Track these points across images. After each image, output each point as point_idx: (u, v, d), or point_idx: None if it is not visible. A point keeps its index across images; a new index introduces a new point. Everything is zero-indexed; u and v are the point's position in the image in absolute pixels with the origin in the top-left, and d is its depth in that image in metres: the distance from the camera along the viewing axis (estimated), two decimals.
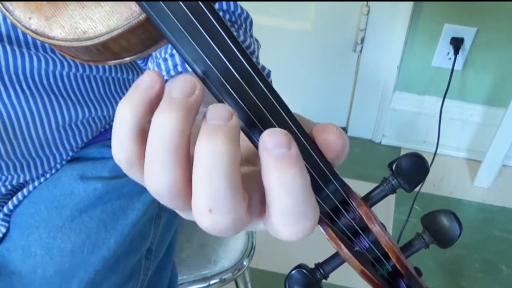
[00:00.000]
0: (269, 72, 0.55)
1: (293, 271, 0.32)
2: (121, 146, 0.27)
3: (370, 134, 1.78)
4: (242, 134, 0.28)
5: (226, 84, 0.29)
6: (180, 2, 0.29)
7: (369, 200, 0.32)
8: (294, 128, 0.29)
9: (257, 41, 0.58)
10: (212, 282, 0.83)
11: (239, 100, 0.29)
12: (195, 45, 0.29)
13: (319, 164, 0.29)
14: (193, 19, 0.29)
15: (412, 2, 1.44)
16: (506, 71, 1.55)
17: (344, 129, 1.81)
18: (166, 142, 0.25)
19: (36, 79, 0.54)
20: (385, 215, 1.56)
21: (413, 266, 0.33)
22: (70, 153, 0.62)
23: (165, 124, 0.25)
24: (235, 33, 0.53)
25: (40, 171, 0.61)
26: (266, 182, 0.25)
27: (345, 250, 0.31)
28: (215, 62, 0.29)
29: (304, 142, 0.29)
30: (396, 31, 1.51)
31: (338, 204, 0.31)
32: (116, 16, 0.30)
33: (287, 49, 1.67)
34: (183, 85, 0.26)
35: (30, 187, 0.61)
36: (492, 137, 1.54)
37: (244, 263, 0.85)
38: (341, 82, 1.71)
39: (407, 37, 1.53)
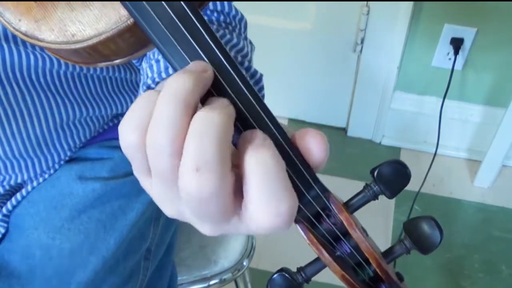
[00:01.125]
0: (261, 76, 0.55)
1: (275, 275, 0.33)
2: (134, 125, 0.28)
3: (370, 134, 1.78)
4: None
5: (211, 89, 0.30)
6: (167, 8, 0.29)
7: (351, 206, 0.32)
8: (276, 133, 0.30)
9: (251, 43, 0.58)
10: (212, 282, 0.83)
11: None
12: (180, 50, 0.29)
13: (300, 169, 0.30)
14: (179, 24, 0.29)
15: (412, 2, 1.44)
16: (506, 71, 1.55)
17: (344, 129, 1.81)
18: (178, 96, 0.27)
19: (33, 77, 0.54)
20: (385, 216, 1.56)
21: (394, 271, 0.34)
22: (68, 153, 0.62)
23: (180, 82, 0.27)
24: (228, 36, 0.53)
25: (38, 171, 0.61)
26: (243, 166, 0.28)
27: (326, 254, 0.31)
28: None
29: (286, 147, 0.30)
30: (396, 31, 1.51)
31: (319, 209, 0.31)
32: (104, 20, 0.31)
33: (287, 49, 1.67)
34: (198, 63, 0.29)
35: (29, 187, 0.61)
36: (492, 137, 1.54)
37: (244, 263, 0.85)
38: (341, 82, 1.71)
39: (407, 37, 1.53)
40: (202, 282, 0.83)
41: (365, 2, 1.50)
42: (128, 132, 0.29)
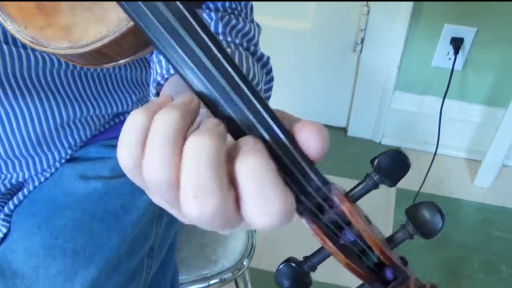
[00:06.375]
0: (268, 58, 0.55)
1: (281, 265, 0.33)
2: (129, 150, 0.29)
3: (370, 134, 1.78)
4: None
5: (211, 87, 0.30)
6: (165, 10, 0.30)
7: (352, 196, 0.32)
8: (274, 128, 0.30)
9: (258, 26, 0.58)
10: (212, 282, 0.83)
11: (221, 101, 0.30)
12: (180, 50, 0.30)
13: (300, 163, 0.30)
14: (177, 26, 0.30)
15: (412, 2, 1.44)
16: (506, 71, 1.55)
17: (344, 129, 1.81)
18: (166, 134, 0.28)
19: (34, 78, 0.54)
20: (385, 215, 1.56)
21: (399, 256, 0.34)
22: (69, 151, 0.62)
23: (167, 119, 0.28)
24: (233, 21, 0.54)
25: (39, 169, 0.61)
26: (236, 171, 0.29)
27: (330, 244, 0.32)
28: (199, 67, 0.30)
29: (285, 140, 0.30)
30: (396, 31, 1.51)
31: (321, 201, 0.32)
32: (106, 23, 0.32)
33: (287, 49, 1.67)
34: (183, 97, 0.30)
35: (30, 186, 0.61)
36: (492, 137, 1.54)
37: (244, 263, 0.85)
38: (341, 82, 1.71)
39: (407, 37, 1.53)
40: (202, 281, 0.83)
41: (365, 2, 1.50)
42: (124, 157, 0.30)
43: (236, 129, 0.30)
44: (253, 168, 0.28)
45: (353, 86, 1.70)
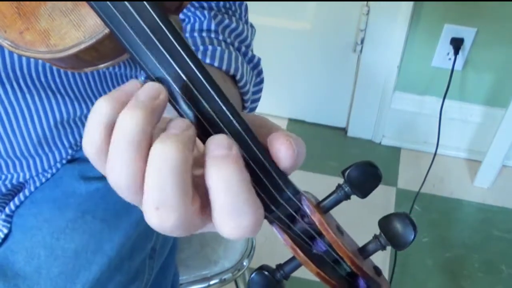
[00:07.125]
0: (259, 60, 0.56)
1: (254, 274, 0.33)
2: (91, 138, 0.28)
3: (370, 134, 1.78)
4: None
5: (182, 94, 0.30)
6: (139, 19, 0.30)
7: (323, 207, 0.32)
8: (246, 137, 0.30)
9: (252, 26, 0.58)
10: (212, 282, 0.83)
11: (193, 109, 0.30)
12: (154, 60, 0.30)
13: (271, 173, 0.30)
14: (151, 35, 0.30)
15: (412, 2, 1.44)
16: (506, 71, 1.55)
17: (344, 129, 1.81)
18: (129, 138, 0.27)
19: (34, 75, 0.54)
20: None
21: (372, 265, 0.34)
22: (69, 152, 0.62)
23: (129, 122, 0.27)
24: (226, 21, 0.54)
25: (40, 170, 0.61)
26: (207, 180, 0.28)
27: (301, 254, 0.32)
28: (171, 74, 0.30)
29: (258, 153, 0.30)
30: (396, 31, 1.51)
31: (293, 212, 0.32)
32: (83, 29, 0.32)
33: (287, 49, 1.67)
34: (149, 90, 0.29)
35: (32, 187, 0.61)
36: (492, 137, 1.54)
37: (244, 263, 0.85)
38: (341, 82, 1.71)
39: (407, 37, 1.53)
40: (202, 282, 0.83)
41: (365, 2, 1.50)
42: (86, 144, 0.29)
43: (204, 133, 0.30)
44: (227, 181, 0.27)
45: (353, 86, 1.70)
